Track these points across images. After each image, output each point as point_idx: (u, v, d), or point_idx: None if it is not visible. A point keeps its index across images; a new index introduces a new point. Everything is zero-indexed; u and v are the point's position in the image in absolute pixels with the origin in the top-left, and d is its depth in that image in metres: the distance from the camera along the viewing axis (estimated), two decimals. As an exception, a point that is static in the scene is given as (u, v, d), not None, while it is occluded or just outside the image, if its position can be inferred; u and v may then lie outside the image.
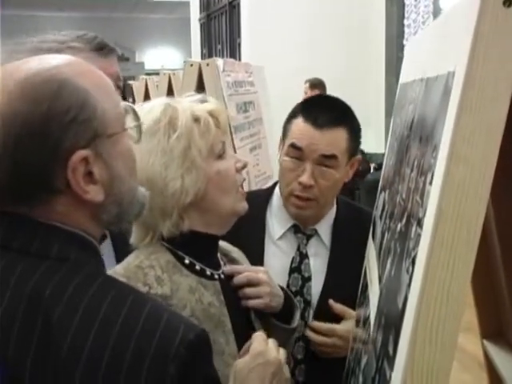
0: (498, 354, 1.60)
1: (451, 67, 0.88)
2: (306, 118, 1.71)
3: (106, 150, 0.97)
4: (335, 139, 1.71)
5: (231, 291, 1.45)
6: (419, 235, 0.89)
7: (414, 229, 0.95)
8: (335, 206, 1.85)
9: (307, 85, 7.95)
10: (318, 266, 1.77)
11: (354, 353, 1.55)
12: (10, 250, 0.93)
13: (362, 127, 1.71)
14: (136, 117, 1.07)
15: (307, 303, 1.74)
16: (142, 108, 1.34)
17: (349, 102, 1.79)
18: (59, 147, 0.91)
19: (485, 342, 1.69)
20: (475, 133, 0.79)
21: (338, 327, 1.70)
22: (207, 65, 2.57)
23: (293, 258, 1.76)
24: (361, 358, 1.34)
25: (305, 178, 1.68)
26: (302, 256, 1.77)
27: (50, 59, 0.97)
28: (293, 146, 1.71)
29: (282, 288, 1.55)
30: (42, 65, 0.95)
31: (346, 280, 1.75)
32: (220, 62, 2.61)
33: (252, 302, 1.44)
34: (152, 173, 1.29)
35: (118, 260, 1.44)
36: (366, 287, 1.55)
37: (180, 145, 1.31)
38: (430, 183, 0.89)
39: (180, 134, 1.31)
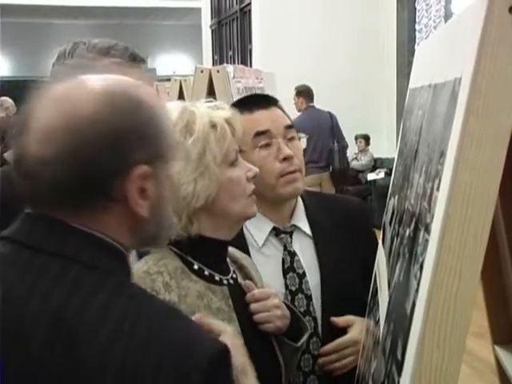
0: (509, 360, 1.59)
1: (458, 74, 0.88)
2: (251, 109, 1.74)
3: (161, 170, 1.01)
4: (281, 113, 1.79)
5: (240, 296, 1.46)
6: (427, 241, 0.90)
7: (421, 234, 0.95)
8: (300, 198, 1.86)
9: (295, 92, 8.09)
10: (307, 259, 1.77)
11: (364, 358, 1.56)
12: (42, 251, 0.94)
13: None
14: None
15: (309, 298, 1.74)
16: None
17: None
18: (129, 159, 0.95)
19: (496, 347, 1.68)
20: (482, 139, 0.80)
21: (348, 337, 1.70)
22: (218, 71, 2.58)
23: (283, 260, 1.76)
24: (371, 364, 1.34)
25: (286, 151, 1.71)
26: (291, 254, 1.76)
27: (124, 79, 1.04)
28: (258, 134, 1.71)
29: (291, 308, 1.56)
30: (121, 82, 1.02)
31: (338, 264, 1.76)
32: (230, 68, 2.62)
33: (263, 327, 1.45)
34: None
35: None
36: (376, 292, 1.55)
37: (195, 149, 1.33)
38: (438, 189, 0.89)
39: (196, 139, 1.33)
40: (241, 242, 1.70)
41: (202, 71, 2.60)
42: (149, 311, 0.92)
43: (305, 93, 7.96)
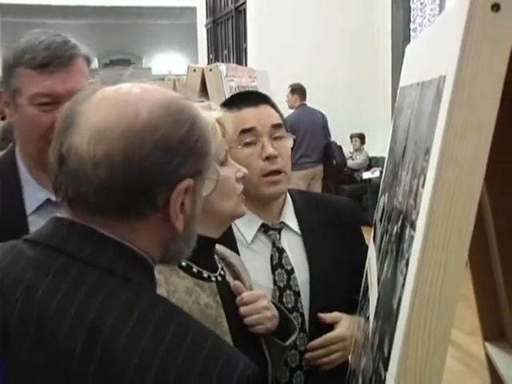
0: (499, 356, 1.61)
1: (443, 71, 0.89)
2: (239, 106, 1.76)
3: (199, 187, 1.02)
4: (270, 111, 1.79)
5: (228, 293, 1.47)
6: (412, 237, 0.91)
7: (407, 231, 0.96)
8: (289, 196, 1.87)
9: (289, 89, 8.29)
10: (296, 255, 1.79)
11: (355, 354, 1.57)
12: (79, 260, 0.93)
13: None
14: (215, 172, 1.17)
15: (297, 294, 1.75)
16: None
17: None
18: (178, 171, 0.95)
19: (486, 344, 1.70)
20: (465, 135, 0.81)
21: (336, 332, 1.71)
22: (210, 70, 2.59)
23: (271, 256, 1.77)
24: (361, 360, 1.35)
25: (269, 150, 1.71)
26: (280, 251, 1.78)
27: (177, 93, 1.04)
28: (243, 131, 1.72)
29: (279, 308, 1.57)
30: (177, 95, 1.02)
31: (327, 261, 1.78)
32: (223, 67, 2.63)
33: (254, 329, 1.46)
34: None
35: None
36: (367, 289, 1.56)
37: None
38: (423, 186, 0.90)
39: None
40: (229, 239, 1.72)
41: (194, 70, 2.60)
42: (183, 331, 0.91)
43: (299, 91, 8.16)
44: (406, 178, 1.12)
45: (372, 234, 1.69)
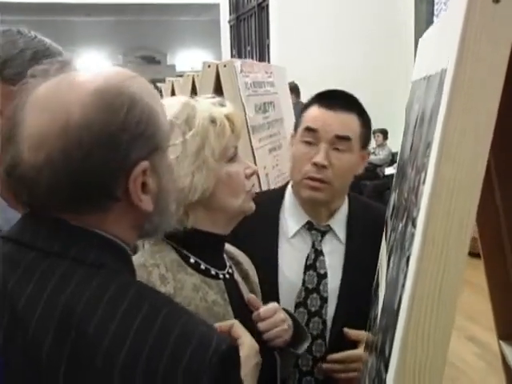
0: (513, 355, 1.57)
1: (445, 65, 0.87)
2: (320, 104, 1.74)
3: (160, 162, 1.00)
4: (348, 121, 1.73)
5: (236, 290, 1.46)
6: (413, 235, 0.88)
7: (409, 228, 0.94)
8: (347, 202, 1.84)
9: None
10: (333, 262, 1.76)
11: (365, 354, 1.54)
12: (50, 254, 0.93)
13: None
14: (180, 132, 1.13)
15: (324, 300, 1.73)
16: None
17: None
18: (127, 157, 0.93)
19: (501, 342, 1.66)
20: (465, 131, 0.78)
21: (358, 351, 1.66)
22: (224, 66, 2.57)
23: (308, 255, 1.75)
24: (368, 359, 1.33)
25: (319, 158, 1.68)
26: (317, 253, 1.75)
27: (115, 73, 1.00)
28: (307, 129, 1.72)
29: (292, 315, 1.54)
30: (111, 78, 0.98)
31: (363, 276, 1.72)
32: (238, 63, 2.61)
33: (273, 343, 1.43)
34: None
35: None
36: (377, 287, 1.54)
37: (194, 143, 1.33)
38: (424, 182, 0.87)
39: (196, 133, 1.33)
40: (273, 228, 1.71)
41: (209, 66, 2.59)
42: (155, 312, 0.91)
43: (295, 89, 8.12)
44: (411, 174, 1.09)
45: (384, 231, 1.67)
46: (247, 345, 1.25)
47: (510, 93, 0.85)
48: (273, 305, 1.46)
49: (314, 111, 1.74)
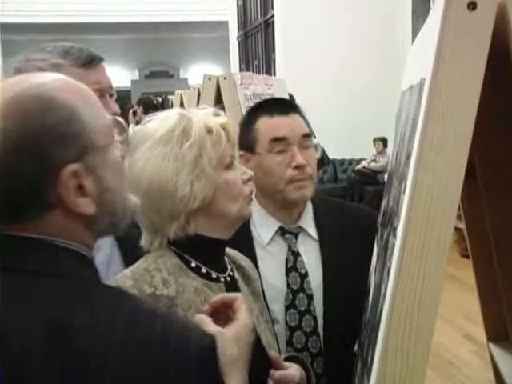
0: (501, 356, 1.52)
1: (423, 74, 0.81)
2: (271, 114, 1.70)
3: (96, 162, 0.93)
4: (301, 120, 1.73)
5: (237, 293, 1.40)
6: (394, 245, 0.83)
7: (390, 238, 0.88)
8: (309, 202, 1.79)
9: None
10: (311, 260, 1.72)
11: (357, 359, 1.49)
12: (5, 270, 0.87)
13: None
14: (123, 129, 1.05)
15: (310, 298, 1.69)
16: (157, 116, 1.35)
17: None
18: (50, 162, 0.87)
19: (490, 344, 1.61)
20: (442, 142, 0.73)
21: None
22: (225, 78, 2.53)
23: (286, 259, 1.71)
24: (357, 365, 1.27)
25: (299, 160, 1.65)
26: (295, 254, 1.72)
27: (36, 77, 0.94)
28: (275, 139, 1.67)
29: (299, 358, 1.48)
30: (29, 83, 0.91)
31: (341, 266, 1.70)
32: (237, 75, 2.58)
33: None
34: (164, 177, 1.28)
35: (128, 263, 1.41)
36: (368, 293, 1.49)
37: (192, 153, 1.30)
38: (404, 192, 0.82)
39: (193, 143, 1.30)
40: (247, 239, 1.68)
41: (209, 79, 2.55)
42: (132, 315, 0.87)
43: (291, 100, 8.05)
44: (395, 183, 1.04)
45: (376, 237, 1.62)
46: (241, 322, 1.19)
47: (490, 95, 0.79)
48: (292, 374, 1.37)
49: (272, 122, 1.70)
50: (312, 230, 1.76)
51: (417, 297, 0.75)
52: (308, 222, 1.77)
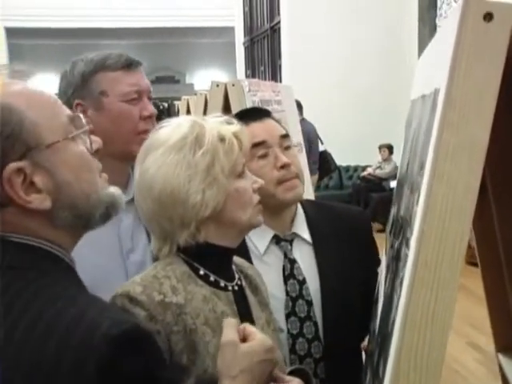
0: (510, 368, 1.50)
1: (438, 84, 0.80)
2: (246, 122, 1.66)
3: (46, 159, 0.95)
4: (275, 123, 1.75)
5: (244, 302, 1.42)
6: (406, 255, 0.82)
7: (403, 249, 0.88)
8: (300, 207, 1.80)
9: None
10: (307, 266, 1.72)
11: (365, 366, 1.48)
12: None
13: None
14: (81, 124, 1.05)
15: (309, 304, 1.68)
16: (169, 123, 1.35)
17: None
18: None
19: (499, 355, 1.59)
20: (457, 152, 0.72)
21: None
22: (233, 85, 2.53)
23: (283, 267, 1.70)
24: (367, 372, 1.26)
25: (282, 159, 1.66)
26: (291, 262, 1.71)
27: None
28: (255, 145, 1.67)
29: (304, 370, 1.46)
30: None
31: (337, 270, 1.70)
32: (245, 82, 2.57)
33: None
34: (176, 184, 1.28)
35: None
36: (377, 300, 1.48)
37: (204, 161, 1.30)
38: (417, 203, 0.81)
39: (206, 151, 1.30)
40: (243, 251, 1.65)
41: (217, 85, 2.54)
42: (51, 303, 0.89)
43: (298, 107, 8.05)
44: (407, 192, 1.03)
45: (385, 245, 1.61)
46: (257, 341, 1.18)
47: (504, 107, 0.78)
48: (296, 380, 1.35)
49: (248, 130, 1.63)
50: (306, 235, 1.76)
51: (430, 309, 0.74)
52: (301, 227, 1.76)
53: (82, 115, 1.07)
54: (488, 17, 0.69)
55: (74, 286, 0.98)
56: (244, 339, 1.17)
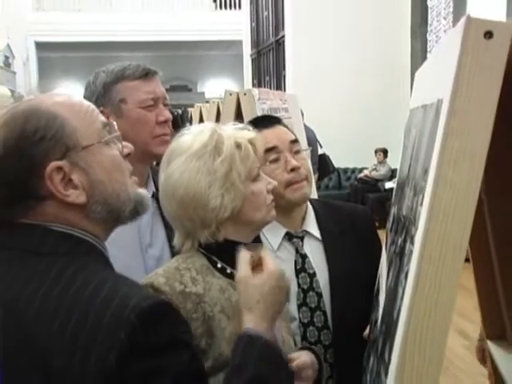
0: (500, 354, 1.50)
1: (441, 95, 0.81)
2: (259, 129, 1.64)
3: (83, 159, 0.99)
4: (285, 130, 1.76)
5: None
6: (411, 251, 0.83)
7: (408, 245, 0.88)
8: (310, 206, 1.81)
9: None
10: (317, 260, 1.74)
11: (366, 353, 1.48)
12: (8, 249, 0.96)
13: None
14: (114, 130, 1.10)
15: (319, 295, 1.70)
16: (191, 131, 1.37)
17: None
18: (33, 162, 0.95)
19: (489, 342, 1.59)
20: (460, 158, 0.73)
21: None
22: (245, 94, 2.53)
23: (295, 261, 1.72)
24: (369, 358, 1.27)
25: (293, 162, 1.68)
26: (303, 257, 1.73)
27: (39, 96, 1.04)
28: (267, 150, 1.66)
29: (312, 349, 1.48)
30: (25, 100, 1.02)
31: (345, 264, 1.72)
32: (256, 91, 2.57)
33: None
34: (198, 189, 1.30)
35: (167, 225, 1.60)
36: (378, 292, 1.48)
37: (223, 168, 1.31)
38: (421, 204, 0.82)
39: (224, 159, 1.32)
40: None
41: (230, 94, 2.55)
42: (89, 280, 0.92)
43: (301, 114, 8.00)
44: (409, 194, 1.04)
45: (385, 241, 1.61)
46: (267, 270, 1.21)
47: (502, 119, 0.79)
48: (304, 360, 1.38)
49: (260, 136, 1.69)
50: (315, 232, 1.77)
51: (433, 301, 0.75)
52: (311, 225, 1.78)
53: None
54: (488, 35, 0.70)
55: (107, 269, 1.02)
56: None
